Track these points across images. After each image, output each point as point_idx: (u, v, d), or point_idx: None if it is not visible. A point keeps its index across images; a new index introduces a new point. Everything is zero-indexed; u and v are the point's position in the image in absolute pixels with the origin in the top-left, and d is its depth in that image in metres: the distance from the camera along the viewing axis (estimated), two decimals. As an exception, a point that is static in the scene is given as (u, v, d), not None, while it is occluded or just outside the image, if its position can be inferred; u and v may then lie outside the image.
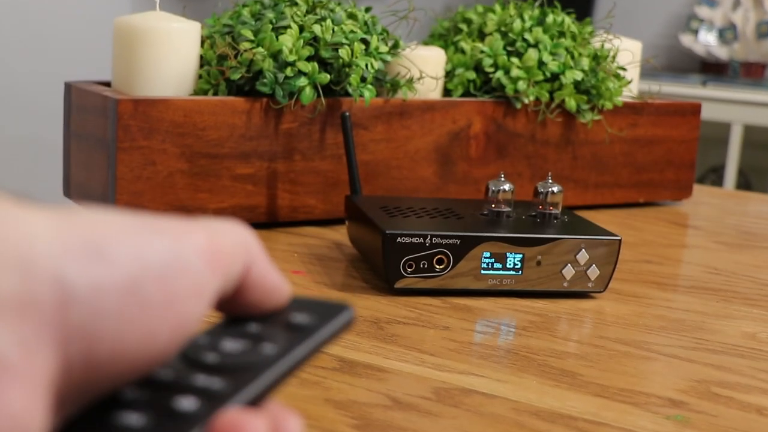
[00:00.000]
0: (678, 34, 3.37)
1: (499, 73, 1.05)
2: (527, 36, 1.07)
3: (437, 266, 0.73)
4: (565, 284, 0.75)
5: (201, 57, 0.94)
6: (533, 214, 0.81)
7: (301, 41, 0.90)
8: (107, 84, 0.98)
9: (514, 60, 1.05)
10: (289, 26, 0.91)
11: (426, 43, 1.15)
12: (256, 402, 0.32)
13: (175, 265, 0.32)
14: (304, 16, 0.93)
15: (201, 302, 0.33)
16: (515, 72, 1.05)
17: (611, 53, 1.11)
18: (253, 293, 0.36)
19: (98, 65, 1.51)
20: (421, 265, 0.73)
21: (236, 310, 0.37)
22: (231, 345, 0.35)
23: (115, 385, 0.32)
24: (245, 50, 0.90)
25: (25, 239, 0.28)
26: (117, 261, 0.30)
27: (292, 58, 0.90)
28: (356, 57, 0.92)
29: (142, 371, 0.32)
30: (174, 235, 0.33)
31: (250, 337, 0.35)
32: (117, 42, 0.92)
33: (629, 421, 0.53)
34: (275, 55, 0.90)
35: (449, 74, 1.08)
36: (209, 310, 0.34)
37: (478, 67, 1.08)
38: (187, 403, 0.31)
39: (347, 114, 0.90)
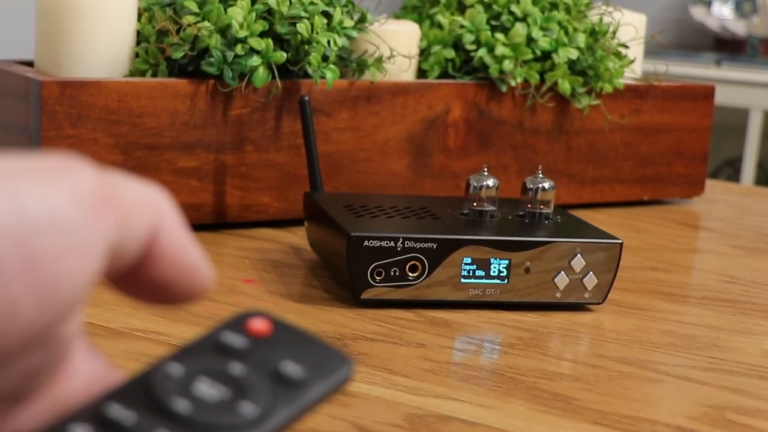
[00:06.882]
0: (688, 6, 3.39)
1: (482, 51, 1.05)
2: (514, 8, 1.07)
3: (410, 274, 0.73)
4: (558, 295, 0.75)
5: (138, 32, 0.94)
6: (521, 213, 0.81)
7: (254, 14, 0.90)
8: (29, 64, 0.97)
9: (499, 36, 1.05)
10: (239, -3, 0.91)
11: (398, 17, 1.15)
12: None
13: (40, 216, 0.29)
14: (257, -15, 0.93)
15: (79, 260, 0.30)
16: (500, 50, 1.05)
17: (611, 28, 1.11)
18: (162, 266, 0.34)
19: (19, 42, 1.50)
20: (392, 273, 0.73)
21: (142, 289, 0.35)
22: (206, 390, 0.34)
23: None
24: (189, 25, 0.90)
25: None
26: None
27: (242, 33, 0.89)
28: (317, 33, 0.92)
29: (10, 351, 0.29)
30: (44, 176, 0.30)
31: (230, 382, 0.34)
32: (41, 15, 0.92)
33: (631, 452, 0.53)
34: (223, 31, 0.90)
35: (424, 52, 1.08)
36: (98, 271, 0.31)
37: (457, 45, 1.08)
38: None
39: (306, 98, 0.90)
